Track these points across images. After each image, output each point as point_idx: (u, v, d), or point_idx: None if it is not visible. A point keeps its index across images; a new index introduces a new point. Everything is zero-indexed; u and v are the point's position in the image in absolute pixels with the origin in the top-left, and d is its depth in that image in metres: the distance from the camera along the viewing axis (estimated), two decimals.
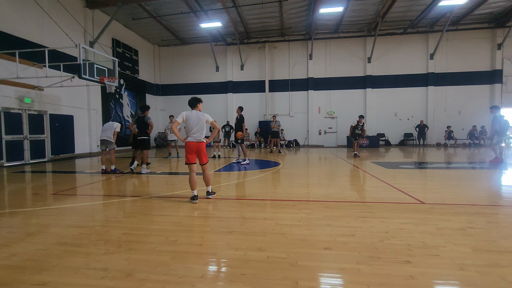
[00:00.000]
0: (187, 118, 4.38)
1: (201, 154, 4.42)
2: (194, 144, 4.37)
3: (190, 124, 4.37)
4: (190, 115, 4.40)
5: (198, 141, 4.37)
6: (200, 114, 4.45)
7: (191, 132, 4.36)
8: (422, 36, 17.96)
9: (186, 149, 4.37)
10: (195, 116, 4.40)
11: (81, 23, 13.31)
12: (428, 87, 18.01)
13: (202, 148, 4.41)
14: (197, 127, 4.36)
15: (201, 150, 4.41)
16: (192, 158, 4.39)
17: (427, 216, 3.50)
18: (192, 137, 4.37)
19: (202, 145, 4.42)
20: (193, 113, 4.43)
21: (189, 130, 4.39)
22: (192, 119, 4.37)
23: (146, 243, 2.75)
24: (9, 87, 10.00)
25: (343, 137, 18.55)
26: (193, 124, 4.36)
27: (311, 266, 2.25)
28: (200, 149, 4.39)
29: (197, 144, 4.37)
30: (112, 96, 15.57)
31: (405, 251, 2.49)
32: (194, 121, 4.36)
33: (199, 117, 4.41)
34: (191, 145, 4.36)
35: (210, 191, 4.59)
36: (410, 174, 6.94)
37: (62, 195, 5.07)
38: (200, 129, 4.39)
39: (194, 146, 4.37)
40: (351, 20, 16.93)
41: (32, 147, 10.70)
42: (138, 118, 7.46)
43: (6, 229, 3.24)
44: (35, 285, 2.01)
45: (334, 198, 4.48)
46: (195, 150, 4.39)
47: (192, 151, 4.37)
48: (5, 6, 10.00)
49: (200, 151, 4.40)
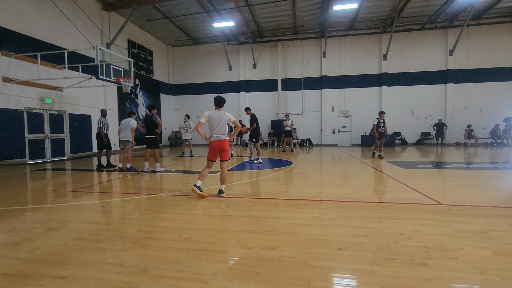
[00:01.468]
0: (209, 118, 4.51)
1: (224, 152, 4.56)
2: (218, 143, 4.51)
3: (212, 123, 4.49)
4: (212, 115, 4.52)
5: (220, 140, 4.51)
6: (222, 113, 4.55)
7: (214, 132, 4.50)
8: (441, 32, 17.35)
9: (211, 148, 4.53)
10: (217, 116, 4.51)
11: (98, 25, 13.69)
12: (447, 84, 17.40)
13: (225, 146, 4.54)
14: (220, 126, 4.49)
15: (225, 147, 4.55)
16: (214, 156, 4.57)
17: (445, 218, 3.39)
18: (215, 136, 4.51)
19: (225, 143, 4.54)
20: (215, 113, 4.54)
21: (211, 130, 4.52)
22: (214, 118, 4.49)
23: (160, 240, 2.81)
24: (32, 88, 10.43)
25: (358, 136, 18.23)
26: (215, 124, 4.48)
27: (324, 266, 2.23)
28: (223, 146, 4.53)
29: (220, 142, 4.51)
30: (128, 96, 15.94)
31: (421, 253, 2.42)
32: (216, 121, 4.48)
33: (221, 116, 4.51)
34: (214, 144, 4.51)
35: (222, 190, 4.63)
36: (428, 174, 6.74)
37: (81, 192, 5.24)
38: (222, 128, 4.51)
39: (217, 145, 4.51)
40: (366, 16, 16.58)
41: (52, 146, 11.14)
42: (146, 117, 7.56)
43: (29, 224, 3.39)
44: (57, 278, 2.10)
45: (348, 198, 4.42)
46: (218, 149, 4.53)
47: (215, 150, 4.54)
48: (28, 11, 10.42)
49: (223, 149, 4.54)
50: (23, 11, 10.28)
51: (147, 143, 7.61)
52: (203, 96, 20.61)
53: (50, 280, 2.08)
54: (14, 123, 9.70)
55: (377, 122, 10.32)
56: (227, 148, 4.59)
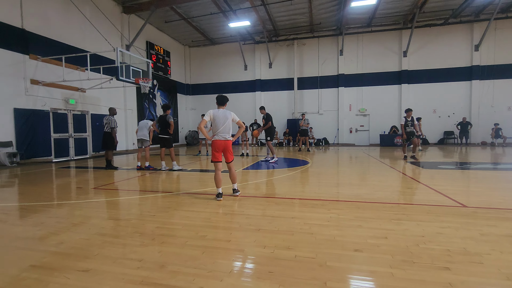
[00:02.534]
0: (214, 117, 4.41)
1: (228, 153, 4.46)
2: (221, 143, 4.39)
3: (217, 122, 4.39)
4: (217, 114, 4.42)
5: (225, 140, 4.40)
6: (227, 112, 4.47)
7: (218, 131, 4.38)
8: (466, 26, 16.57)
9: (213, 147, 4.40)
10: (222, 115, 4.41)
11: (119, 28, 14.14)
12: (472, 81, 16.61)
13: (228, 147, 4.44)
14: (224, 125, 4.38)
15: (228, 148, 4.44)
16: (218, 156, 4.43)
17: (470, 221, 3.24)
18: (219, 135, 4.39)
19: (228, 143, 4.45)
20: (220, 112, 4.45)
21: (216, 129, 4.41)
22: (219, 117, 4.39)
23: (177, 237, 2.87)
24: (57, 89, 10.94)
25: (376, 135, 17.78)
26: (220, 123, 4.37)
27: (341, 268, 2.19)
28: (226, 147, 4.42)
29: (224, 142, 4.40)
30: (146, 96, 16.36)
31: (443, 257, 2.33)
32: (221, 120, 4.38)
33: (226, 115, 4.43)
34: (218, 144, 4.39)
35: (236, 189, 4.64)
36: (451, 175, 6.47)
37: (102, 189, 5.44)
38: (227, 128, 4.42)
39: (221, 145, 4.39)
40: (385, 12, 16.11)
41: (76, 145, 11.64)
42: (160, 117, 7.69)
43: (55, 219, 3.56)
44: (80, 271, 2.19)
45: (366, 199, 4.32)
46: (222, 149, 4.42)
47: (219, 149, 4.41)
48: (54, 16, 10.94)
49: (226, 150, 4.44)
50: (49, 16, 10.79)
51: (160, 142, 7.77)
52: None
53: (74, 272, 2.17)
54: (41, 123, 10.22)
55: (405, 121, 9.40)
56: (231, 149, 4.51)
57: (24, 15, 9.82)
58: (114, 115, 8.20)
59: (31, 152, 9.94)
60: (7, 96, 9.31)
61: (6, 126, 9.30)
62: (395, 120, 17.80)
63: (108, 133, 8.08)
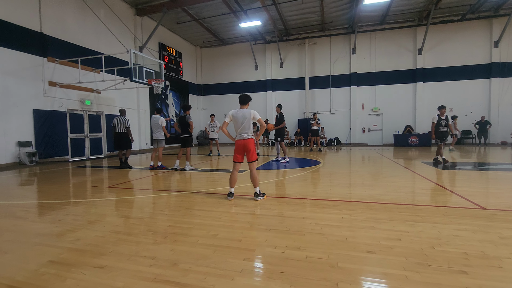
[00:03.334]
0: (234, 117, 4.37)
1: (249, 152, 4.36)
2: (240, 142, 4.35)
3: (236, 122, 4.36)
4: (236, 114, 4.37)
5: (244, 139, 4.34)
6: (246, 111, 4.35)
7: (238, 131, 4.37)
8: (485, 22, 15.99)
9: (235, 147, 4.41)
10: (240, 115, 4.34)
11: (132, 30, 14.42)
12: (492, 78, 16.01)
13: (249, 146, 4.33)
14: (243, 125, 4.32)
15: (249, 147, 4.33)
16: (238, 156, 4.38)
17: (488, 223, 3.13)
18: (239, 135, 4.37)
19: (249, 142, 4.33)
20: (239, 112, 4.38)
21: (236, 129, 4.40)
22: (238, 117, 4.34)
23: (189, 236, 2.90)
24: (73, 91, 11.27)
25: (390, 135, 17.42)
26: (239, 123, 4.34)
27: (353, 269, 2.16)
28: (247, 146, 4.33)
29: (244, 142, 4.33)
30: (159, 97, 16.63)
31: (460, 260, 2.26)
32: (240, 119, 4.32)
33: (245, 115, 4.33)
34: (237, 144, 4.37)
35: (258, 193, 4.37)
36: (468, 176, 6.27)
37: (116, 188, 5.57)
38: (246, 127, 4.33)
39: (240, 144, 4.35)
40: (399, 9, 15.76)
41: (91, 144, 11.97)
42: (180, 118, 7.86)
43: (71, 217, 3.67)
44: (95, 267, 2.25)
45: (379, 200, 4.24)
46: (242, 148, 4.36)
47: (239, 150, 4.36)
48: (70, 19, 11.27)
49: (248, 149, 4.34)
50: (66, 20, 11.13)
51: (181, 142, 7.91)
52: (230, 96, 20.91)
53: (89, 269, 2.23)
54: (58, 124, 10.55)
55: (438, 119, 8.36)
56: (252, 148, 4.35)
57: (42, 20, 10.17)
58: (125, 115, 8.47)
59: (49, 151, 10.28)
60: (26, 98, 9.67)
61: (26, 127, 9.66)
62: (409, 119, 17.40)
63: (124, 133, 8.30)
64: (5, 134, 9.00)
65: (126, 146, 8.47)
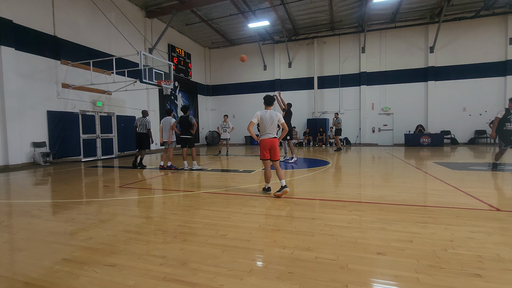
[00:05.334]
0: (261, 118, 4.65)
1: (275, 151, 4.66)
2: (268, 141, 4.62)
3: (264, 123, 4.63)
4: (264, 115, 4.66)
5: (271, 138, 4.64)
6: (273, 114, 4.68)
7: (266, 131, 4.64)
8: (500, 19, 15.54)
9: (262, 145, 4.65)
10: (268, 116, 4.64)
11: (142, 32, 14.65)
12: (507, 76, 15.53)
13: (275, 144, 4.65)
14: (272, 126, 4.64)
15: (275, 146, 4.65)
16: (266, 154, 4.65)
17: (504, 226, 3.04)
18: (266, 134, 4.65)
19: (275, 141, 4.66)
20: (267, 113, 4.67)
21: (263, 129, 4.66)
22: (266, 118, 4.63)
23: (198, 236, 2.92)
24: (85, 92, 11.52)
25: (400, 134, 17.13)
26: (267, 124, 4.62)
27: (363, 271, 2.13)
28: (274, 145, 4.64)
29: (271, 140, 4.63)
30: (168, 98, 16.81)
31: (474, 263, 2.20)
32: (268, 121, 4.62)
33: (273, 117, 4.64)
34: (266, 142, 4.62)
35: (285, 185, 4.52)
36: (483, 177, 6.10)
37: (127, 188, 5.66)
38: (274, 128, 4.68)
39: (268, 143, 4.62)
40: (410, 7, 15.48)
41: (102, 145, 12.21)
42: (181, 118, 7.78)
43: (84, 216, 3.75)
44: (107, 266, 2.29)
45: (389, 201, 4.18)
46: (269, 147, 4.63)
47: (266, 147, 4.63)
48: (82, 22, 11.53)
49: (274, 148, 4.64)
50: (78, 23, 11.39)
51: (182, 142, 7.91)
52: (238, 96, 20.97)
53: (101, 267, 2.28)
54: (71, 125, 10.81)
55: (504, 114, 6.56)
56: (277, 147, 4.69)
57: (56, 23, 10.43)
58: (147, 116, 8.55)
59: (62, 152, 10.54)
60: (41, 100, 9.94)
61: (40, 128, 9.93)
62: (421, 118, 17.07)
63: (144, 134, 8.44)
64: (20, 135, 9.27)
65: (145, 146, 8.59)
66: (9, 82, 8.92)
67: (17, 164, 9.19)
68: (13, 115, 9.05)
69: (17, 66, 9.17)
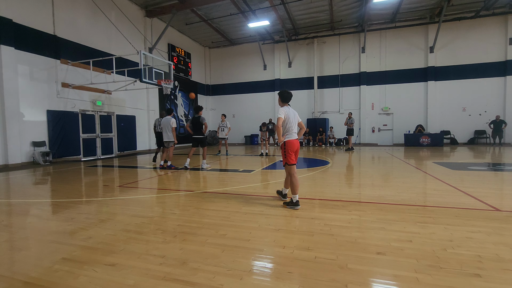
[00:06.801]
0: (287, 115, 3.97)
1: (297, 155, 4.08)
2: (297, 142, 4.00)
3: (290, 121, 3.99)
4: (289, 112, 4.00)
5: (297, 139, 4.05)
6: (294, 111, 4.15)
7: (292, 130, 4.01)
8: (500, 19, 15.54)
9: (289, 147, 3.93)
10: (292, 113, 4.05)
11: (142, 31, 14.63)
12: (507, 77, 15.54)
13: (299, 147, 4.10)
14: (296, 124, 4.08)
15: (299, 149, 4.09)
16: (295, 158, 3.99)
17: (504, 226, 3.05)
18: (293, 134, 4.01)
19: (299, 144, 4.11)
20: (290, 109, 4.05)
21: (290, 128, 4.00)
22: (290, 115, 4.00)
23: (198, 235, 2.92)
24: (85, 92, 11.51)
25: (400, 134, 17.14)
26: (293, 121, 4.02)
27: (362, 270, 2.14)
28: (299, 148, 4.07)
29: (298, 142, 4.04)
30: (168, 97, 16.80)
31: (473, 263, 2.21)
32: (293, 119, 4.03)
33: (295, 114, 4.12)
34: (294, 144, 3.95)
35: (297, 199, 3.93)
36: (482, 177, 6.11)
37: (127, 187, 5.66)
38: (296, 126, 4.10)
39: (296, 145, 3.98)
40: (410, 7, 15.48)
41: (102, 144, 12.20)
42: (193, 119, 7.96)
43: (84, 215, 3.75)
44: (107, 265, 2.29)
45: (389, 201, 4.18)
46: (296, 149, 3.99)
47: (294, 149, 3.96)
48: (82, 22, 11.52)
49: (298, 150, 4.08)
50: (78, 22, 11.37)
51: (194, 142, 8.04)
52: (238, 96, 20.97)
53: (101, 266, 2.28)
54: (71, 124, 10.80)
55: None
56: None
57: (56, 22, 10.42)
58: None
59: (62, 151, 10.53)
60: (41, 99, 9.93)
61: (40, 127, 9.92)
62: (420, 118, 17.08)
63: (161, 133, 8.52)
64: (20, 134, 9.26)
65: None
66: (9, 81, 8.91)
67: (17, 163, 9.18)
68: (13, 114, 9.04)
69: (16, 65, 9.16)
